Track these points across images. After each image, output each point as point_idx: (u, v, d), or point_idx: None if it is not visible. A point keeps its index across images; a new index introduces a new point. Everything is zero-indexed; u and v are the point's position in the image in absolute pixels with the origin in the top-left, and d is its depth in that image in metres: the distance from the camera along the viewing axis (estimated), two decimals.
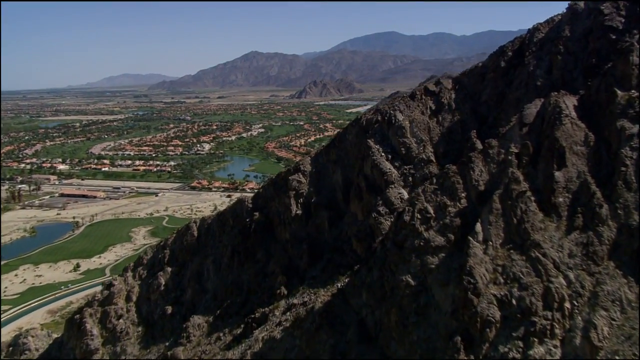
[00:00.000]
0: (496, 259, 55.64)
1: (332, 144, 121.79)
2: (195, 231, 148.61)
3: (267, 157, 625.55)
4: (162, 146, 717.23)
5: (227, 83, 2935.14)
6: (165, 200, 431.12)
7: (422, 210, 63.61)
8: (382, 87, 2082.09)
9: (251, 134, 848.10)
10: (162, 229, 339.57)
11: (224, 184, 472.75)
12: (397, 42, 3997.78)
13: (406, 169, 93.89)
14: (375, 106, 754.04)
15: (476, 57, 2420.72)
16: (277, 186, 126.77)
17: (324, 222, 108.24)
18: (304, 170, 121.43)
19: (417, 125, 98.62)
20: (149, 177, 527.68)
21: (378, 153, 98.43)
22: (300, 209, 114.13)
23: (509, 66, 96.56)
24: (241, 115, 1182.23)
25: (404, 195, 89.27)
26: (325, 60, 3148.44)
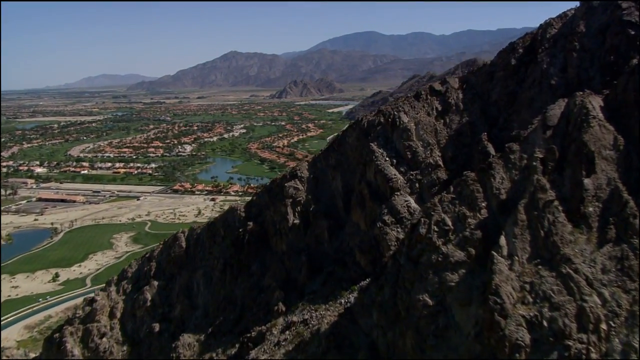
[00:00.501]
0: (523, 275, 49.81)
1: (330, 148, 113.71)
2: (183, 242, 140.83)
3: (250, 159, 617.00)
4: (142, 148, 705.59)
5: (207, 83, 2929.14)
6: (147, 204, 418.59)
7: (440, 222, 57.05)
8: (363, 86, 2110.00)
9: (233, 134, 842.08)
10: (144, 234, 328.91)
11: (207, 187, 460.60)
12: (377, 41, 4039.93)
13: (412, 175, 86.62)
14: (357, 106, 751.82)
15: (456, 56, 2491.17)
16: (272, 193, 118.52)
17: (323, 232, 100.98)
18: (301, 176, 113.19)
19: (423, 127, 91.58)
20: (129, 180, 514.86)
21: (382, 158, 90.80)
22: (298, 218, 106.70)
23: (520, 64, 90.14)
24: (222, 115, 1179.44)
25: (410, 203, 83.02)
26: (305, 60, 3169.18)
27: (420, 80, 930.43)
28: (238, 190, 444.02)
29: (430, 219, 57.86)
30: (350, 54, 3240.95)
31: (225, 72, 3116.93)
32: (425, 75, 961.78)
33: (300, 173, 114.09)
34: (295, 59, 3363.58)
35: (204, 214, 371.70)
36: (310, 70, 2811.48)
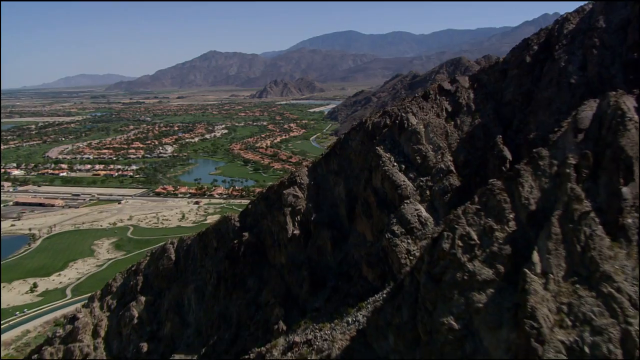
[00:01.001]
0: (560, 295, 45.10)
1: (332, 152, 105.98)
2: (172, 254, 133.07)
3: (233, 160, 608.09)
4: (122, 149, 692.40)
5: (186, 83, 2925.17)
6: (129, 207, 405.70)
7: (464, 236, 51.84)
8: (343, 86, 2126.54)
9: (214, 135, 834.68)
10: (127, 240, 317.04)
11: (190, 190, 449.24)
12: (356, 41, 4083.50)
13: (423, 181, 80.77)
14: (339, 105, 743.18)
15: (436, 55, 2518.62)
16: (269, 202, 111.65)
17: (326, 244, 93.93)
18: (301, 183, 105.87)
19: (432, 129, 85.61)
20: (110, 183, 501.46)
21: (389, 163, 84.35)
22: (298, 228, 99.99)
23: (535, 61, 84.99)
24: (202, 115, 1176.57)
25: (421, 212, 77.65)
26: (285, 60, 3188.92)
27: (403, 79, 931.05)
28: (222, 192, 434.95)
29: (453, 233, 52.71)
30: (330, 53, 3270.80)
31: (205, 72, 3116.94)
32: (408, 75, 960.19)
33: (299, 179, 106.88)
34: (275, 58, 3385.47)
35: (188, 218, 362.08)
36: (290, 70, 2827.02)
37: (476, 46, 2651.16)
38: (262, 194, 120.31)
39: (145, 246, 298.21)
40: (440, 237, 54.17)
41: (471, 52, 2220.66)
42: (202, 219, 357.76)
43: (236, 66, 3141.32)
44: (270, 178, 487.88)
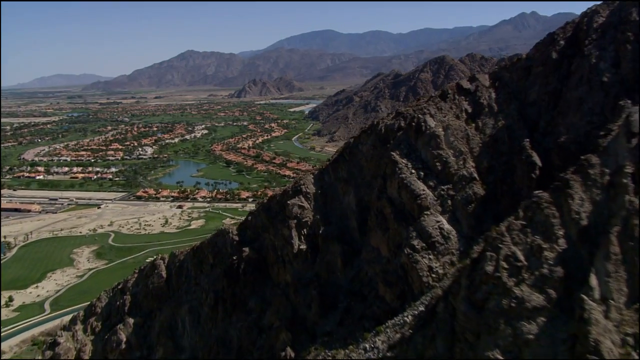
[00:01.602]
0: (623, 325, 40.66)
1: (340, 158, 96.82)
2: (163, 271, 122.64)
3: (215, 161, 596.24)
4: (101, 150, 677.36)
5: (164, 83, 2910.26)
6: (109, 212, 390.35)
7: (510, 256, 45.98)
8: (322, 85, 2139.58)
9: (194, 135, 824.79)
10: (108, 248, 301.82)
11: (173, 193, 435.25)
12: (334, 40, 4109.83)
13: (444, 190, 73.45)
14: (320, 105, 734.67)
15: (414, 54, 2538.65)
16: (271, 213, 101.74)
17: (336, 259, 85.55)
18: (307, 192, 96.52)
19: (453, 132, 77.81)
20: (89, 186, 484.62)
21: (407, 170, 75.93)
22: (305, 243, 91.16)
23: (562, 58, 78.20)
24: (181, 115, 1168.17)
25: (443, 224, 70.21)
26: (263, 59, 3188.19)
27: (385, 78, 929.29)
28: (206, 196, 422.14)
29: (497, 253, 46.86)
30: (308, 52, 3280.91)
31: (182, 72, 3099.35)
32: (390, 74, 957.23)
33: (305, 188, 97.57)
34: (252, 57, 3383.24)
35: (171, 223, 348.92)
36: (268, 69, 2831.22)
37: (454, 45, 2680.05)
38: (263, 205, 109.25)
39: (127, 254, 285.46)
40: (482, 258, 47.96)
41: (449, 51, 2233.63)
42: (186, 224, 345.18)
43: (214, 66, 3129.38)
44: (254, 180, 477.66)
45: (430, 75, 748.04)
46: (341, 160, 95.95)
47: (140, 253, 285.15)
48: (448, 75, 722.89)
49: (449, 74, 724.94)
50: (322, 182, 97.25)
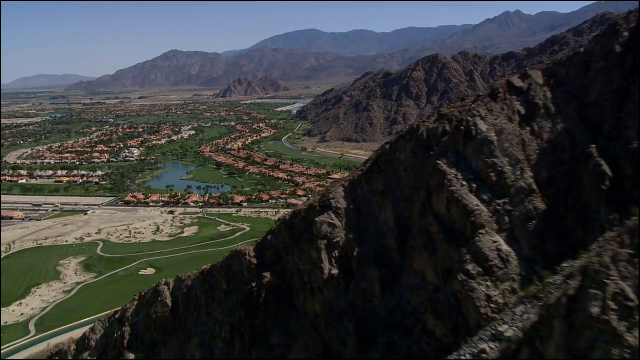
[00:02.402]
0: None
1: (375, 167, 79.72)
2: (168, 298, 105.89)
3: (205, 163, 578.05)
4: (86, 152, 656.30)
5: (147, 83, 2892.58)
6: (97, 219, 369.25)
7: (619, 294, 33.44)
8: (307, 84, 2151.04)
9: (182, 136, 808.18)
10: (97, 259, 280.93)
11: (163, 198, 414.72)
12: (318, 39, 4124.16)
13: (499, 205, 59.74)
14: (309, 104, 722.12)
15: (399, 53, 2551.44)
16: (295, 232, 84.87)
17: (373, 286, 70.44)
18: (337, 208, 79.03)
19: (507, 138, 63.94)
20: (74, 191, 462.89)
21: (457, 181, 61.41)
22: (337, 267, 75.19)
23: (626, 51, 64.62)
24: (167, 116, 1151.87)
25: (501, 245, 57.68)
26: (247, 59, 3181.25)
27: (375, 77, 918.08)
28: (198, 200, 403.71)
29: (603, 291, 35.03)
30: (293, 52, 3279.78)
31: (166, 72, 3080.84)
32: (380, 72, 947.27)
33: (335, 203, 79.98)
34: (237, 57, 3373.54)
35: (163, 230, 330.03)
36: (252, 69, 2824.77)
37: (438, 44, 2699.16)
38: (285, 222, 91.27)
39: (118, 266, 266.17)
40: (584, 297, 36.52)
41: (434, 50, 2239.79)
42: (179, 232, 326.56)
43: (198, 65, 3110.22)
44: (247, 183, 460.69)
45: (423, 74, 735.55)
46: (376, 170, 79.54)
47: (132, 265, 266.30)
48: (441, 74, 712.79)
49: (442, 72, 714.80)
50: (355, 195, 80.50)
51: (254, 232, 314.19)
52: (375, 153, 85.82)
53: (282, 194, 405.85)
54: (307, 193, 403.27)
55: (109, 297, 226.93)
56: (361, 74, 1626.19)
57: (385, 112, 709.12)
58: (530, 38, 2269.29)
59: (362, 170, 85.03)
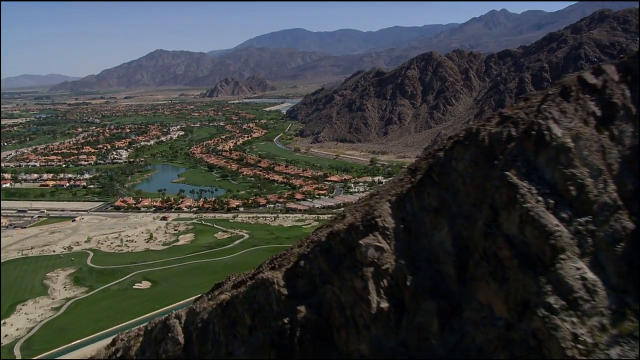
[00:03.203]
0: None
1: (426, 179, 61.42)
2: (180, 335, 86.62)
3: (196, 165, 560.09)
4: (72, 154, 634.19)
5: (133, 82, 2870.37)
6: (85, 226, 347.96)
7: None
8: (294, 84, 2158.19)
9: (170, 137, 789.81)
10: (87, 271, 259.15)
11: (154, 202, 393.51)
12: (304, 38, 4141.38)
13: (581, 224, 46.59)
14: (298, 104, 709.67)
15: (386, 52, 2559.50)
16: (333, 256, 67.18)
17: (430, 321, 55.45)
18: (384, 227, 61.20)
19: (585, 144, 51.85)
20: (61, 195, 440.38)
21: (531, 197, 48.66)
22: (386, 299, 59.21)
23: None
24: (154, 116, 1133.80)
25: (586, 272, 45.04)
26: (233, 58, 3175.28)
27: (366, 76, 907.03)
28: (191, 205, 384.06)
29: None
30: (279, 51, 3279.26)
31: (152, 71, 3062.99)
32: (371, 71, 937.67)
33: (381, 222, 61.30)
34: (223, 57, 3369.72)
35: (156, 238, 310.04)
36: (238, 68, 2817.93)
37: (425, 43, 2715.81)
38: (320, 245, 73.06)
39: (110, 279, 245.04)
40: None
41: (420, 49, 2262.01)
42: (174, 240, 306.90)
43: (184, 65, 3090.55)
44: (241, 186, 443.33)
45: (418, 72, 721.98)
46: (427, 182, 62.56)
47: (126, 277, 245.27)
48: (436, 72, 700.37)
49: (437, 70, 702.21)
50: (404, 212, 63.60)
51: (253, 239, 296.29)
52: (425, 161, 69.10)
53: (280, 197, 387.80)
54: (306, 196, 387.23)
55: (102, 314, 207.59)
56: (348, 73, 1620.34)
57: (379, 112, 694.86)
58: (517, 37, 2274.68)
59: (411, 182, 68.21)
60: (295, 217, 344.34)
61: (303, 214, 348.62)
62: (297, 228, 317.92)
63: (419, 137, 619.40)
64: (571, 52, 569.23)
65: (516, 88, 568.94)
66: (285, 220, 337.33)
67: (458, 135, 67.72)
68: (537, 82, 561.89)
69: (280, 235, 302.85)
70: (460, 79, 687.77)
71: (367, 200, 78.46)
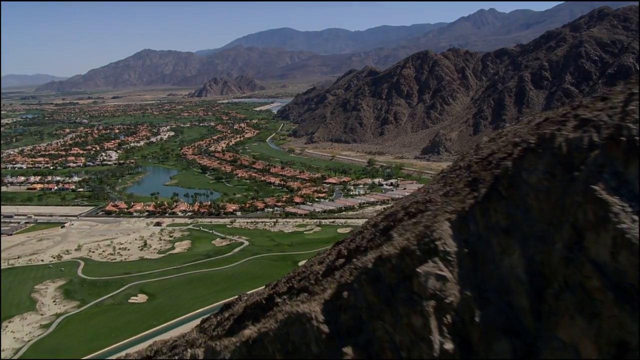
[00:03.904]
0: None
1: (492, 194, 43.27)
2: None
3: (189, 167, 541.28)
4: (60, 156, 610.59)
5: (120, 82, 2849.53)
6: (75, 232, 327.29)
7: None
8: (284, 83, 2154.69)
9: (161, 137, 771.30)
10: (78, 283, 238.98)
11: (147, 206, 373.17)
12: (292, 38, 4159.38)
13: None
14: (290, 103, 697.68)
15: (374, 51, 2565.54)
16: (383, 286, 48.52)
17: None
18: (446, 252, 42.20)
19: None
20: (49, 199, 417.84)
21: (625, 216, 27.75)
22: (450, 339, 37.89)
23: None
24: (143, 116, 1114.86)
25: None
26: (221, 58, 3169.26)
27: (359, 75, 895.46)
28: (186, 209, 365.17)
29: None
30: (267, 50, 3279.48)
31: (139, 71, 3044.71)
32: (364, 70, 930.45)
33: (442, 245, 44.67)
34: (210, 56, 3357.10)
35: (151, 246, 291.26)
36: (227, 68, 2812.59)
37: (413, 42, 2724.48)
38: (367, 272, 56.47)
39: (104, 291, 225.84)
40: None
41: (409, 48, 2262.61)
42: (169, 247, 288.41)
43: (171, 65, 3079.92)
44: (236, 188, 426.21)
45: (413, 71, 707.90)
46: (494, 197, 46.30)
47: (120, 290, 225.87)
48: (432, 71, 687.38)
49: (433, 69, 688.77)
50: (467, 233, 47.40)
51: (253, 246, 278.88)
52: (489, 171, 53.20)
53: (278, 201, 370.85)
54: (305, 200, 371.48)
55: (96, 332, 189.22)
56: (337, 72, 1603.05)
57: (375, 111, 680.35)
58: (506, 36, 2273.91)
59: (474, 197, 52.09)
60: (296, 222, 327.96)
61: (304, 219, 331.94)
62: (298, 234, 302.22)
63: (416, 137, 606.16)
64: (571, 51, 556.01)
65: (516, 87, 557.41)
66: (285, 226, 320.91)
67: (527, 142, 52.02)
68: (537, 81, 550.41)
69: (281, 242, 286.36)
70: (457, 77, 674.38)
71: (418, 219, 62.56)
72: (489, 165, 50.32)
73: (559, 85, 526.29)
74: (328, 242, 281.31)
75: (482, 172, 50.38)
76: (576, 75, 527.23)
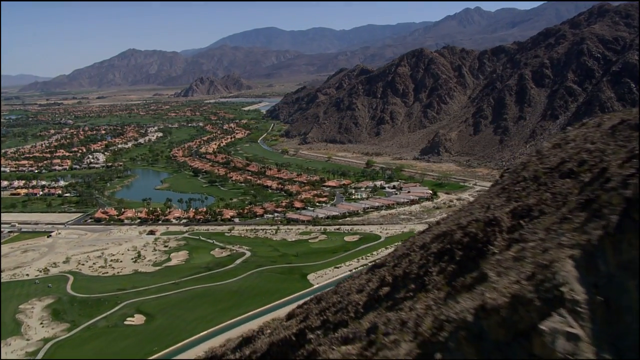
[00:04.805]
0: None
1: (624, 220, 20.78)
2: None
3: (180, 169, 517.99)
4: (45, 159, 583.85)
5: (105, 82, 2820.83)
6: (63, 242, 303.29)
7: None
8: (270, 82, 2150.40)
9: (149, 139, 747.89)
10: (68, 302, 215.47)
11: (139, 213, 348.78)
12: (278, 37, 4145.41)
13: None
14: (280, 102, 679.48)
15: (360, 50, 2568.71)
16: (489, 344, 24.74)
17: None
18: (575, 301, 20.13)
19: None
20: (34, 206, 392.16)
21: None
22: None
23: None
24: (129, 116, 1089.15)
25: None
26: (206, 57, 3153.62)
27: (350, 74, 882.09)
28: (180, 216, 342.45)
29: None
30: (252, 50, 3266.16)
31: (124, 71, 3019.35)
32: (355, 69, 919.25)
33: (569, 293, 23.62)
34: (196, 56, 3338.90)
35: (145, 257, 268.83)
36: (212, 67, 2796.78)
37: (399, 41, 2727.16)
38: (466, 325, 35.84)
39: (96, 312, 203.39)
40: None
41: (395, 47, 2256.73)
42: (165, 259, 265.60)
43: (156, 64, 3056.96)
44: (232, 193, 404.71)
45: (409, 69, 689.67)
46: (628, 225, 24.99)
47: (114, 309, 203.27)
48: (428, 69, 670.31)
49: (429, 67, 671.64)
50: (596, 274, 26.33)
51: (256, 257, 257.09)
52: (615, 194, 33.35)
53: (277, 206, 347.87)
54: (306, 205, 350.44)
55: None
56: (323, 71, 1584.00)
57: (370, 111, 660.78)
58: (491, 34, 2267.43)
59: (603, 228, 32.03)
60: (298, 229, 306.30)
61: (306, 226, 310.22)
62: (303, 243, 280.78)
63: (414, 137, 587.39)
64: (572, 48, 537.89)
65: (516, 85, 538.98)
66: (288, 234, 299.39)
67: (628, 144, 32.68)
68: (539, 79, 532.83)
69: (286, 252, 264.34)
70: (453, 76, 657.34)
71: (519, 253, 42.11)
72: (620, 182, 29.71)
73: (561, 84, 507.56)
74: (336, 251, 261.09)
75: (609, 195, 29.53)
76: (579, 72, 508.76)
